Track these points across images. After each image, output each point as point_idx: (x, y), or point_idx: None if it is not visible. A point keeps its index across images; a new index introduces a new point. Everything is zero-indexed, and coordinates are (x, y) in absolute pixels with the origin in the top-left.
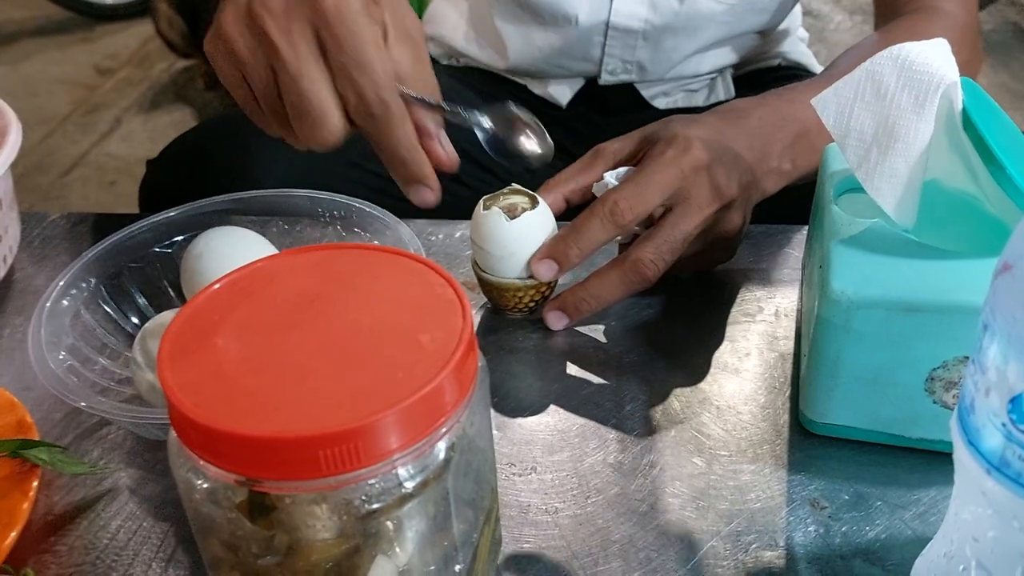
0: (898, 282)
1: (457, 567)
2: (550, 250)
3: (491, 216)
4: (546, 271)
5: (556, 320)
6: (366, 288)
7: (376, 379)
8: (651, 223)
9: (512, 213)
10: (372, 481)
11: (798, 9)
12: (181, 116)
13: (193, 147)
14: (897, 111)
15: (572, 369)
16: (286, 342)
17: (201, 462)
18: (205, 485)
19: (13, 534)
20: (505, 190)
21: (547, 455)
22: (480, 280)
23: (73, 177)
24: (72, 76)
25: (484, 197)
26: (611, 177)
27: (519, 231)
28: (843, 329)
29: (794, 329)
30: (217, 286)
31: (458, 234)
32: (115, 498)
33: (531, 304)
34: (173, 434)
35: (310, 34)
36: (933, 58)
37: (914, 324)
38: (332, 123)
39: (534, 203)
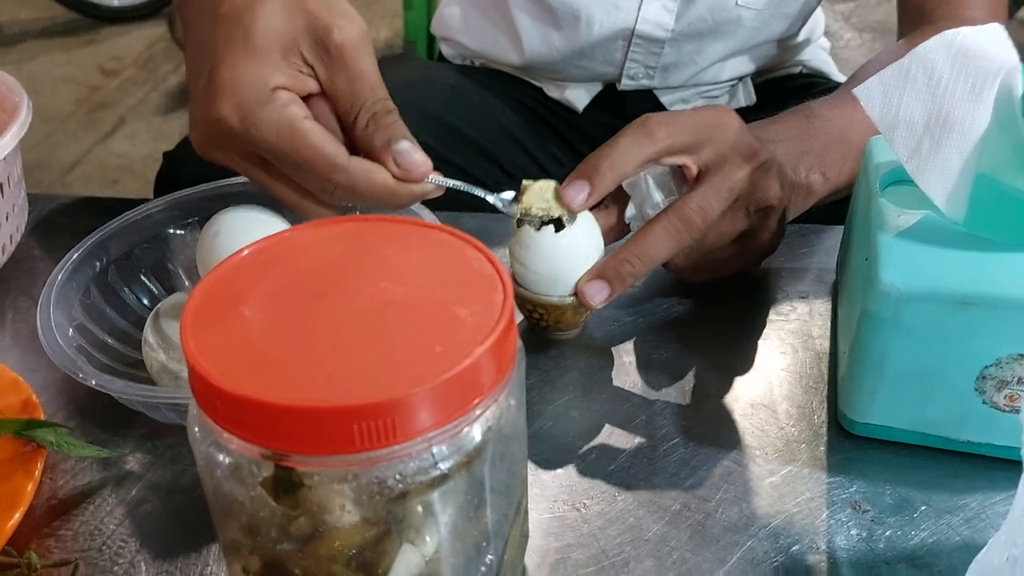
0: (951, 274)
1: (488, 558)
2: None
3: (532, 231)
4: (596, 292)
5: (596, 291)
6: (400, 259)
7: (412, 351)
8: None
9: (555, 225)
10: (407, 459)
11: (820, 17)
12: (186, 117)
13: None
14: (952, 100)
15: (599, 363)
16: (316, 311)
17: (225, 435)
18: (228, 460)
19: (17, 516)
20: (535, 181)
21: (574, 450)
22: (520, 298)
23: (75, 175)
24: (77, 77)
25: (522, 187)
26: (653, 187)
27: (564, 245)
28: (891, 323)
29: (829, 328)
30: (244, 254)
31: (473, 225)
32: (122, 483)
33: (578, 321)
34: (194, 408)
35: (249, 156)
36: (990, 43)
37: (966, 319)
38: (319, 211)
39: (576, 213)
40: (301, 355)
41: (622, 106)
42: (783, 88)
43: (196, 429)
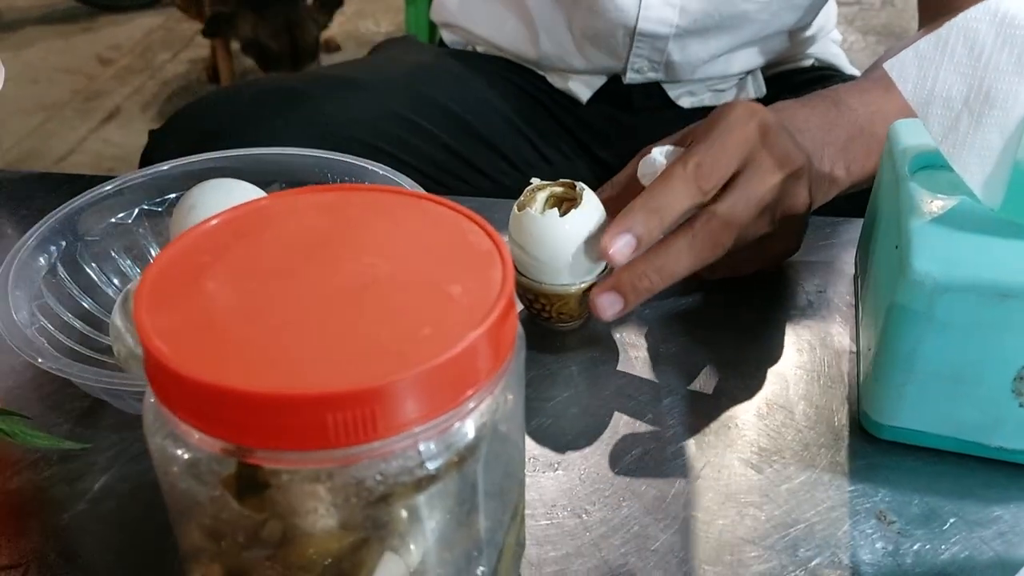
0: (990, 264)
1: (480, 569)
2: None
3: (535, 214)
4: (608, 306)
5: (608, 305)
6: (386, 232)
7: (398, 334)
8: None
9: (559, 208)
10: (389, 458)
11: (833, 9)
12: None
13: (200, 116)
14: (995, 73)
15: (604, 357)
16: (290, 288)
17: (182, 426)
18: (185, 455)
19: None
20: (544, 183)
21: (575, 451)
22: (520, 286)
23: (69, 163)
24: (74, 65)
25: (525, 190)
26: (659, 155)
27: (568, 229)
28: (924, 317)
29: (848, 325)
30: (211, 223)
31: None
32: (84, 477)
33: (582, 313)
34: (150, 395)
35: None
36: None
37: (1006, 313)
38: None
39: (580, 196)
40: (271, 336)
41: (628, 98)
42: (794, 81)
43: (151, 417)
